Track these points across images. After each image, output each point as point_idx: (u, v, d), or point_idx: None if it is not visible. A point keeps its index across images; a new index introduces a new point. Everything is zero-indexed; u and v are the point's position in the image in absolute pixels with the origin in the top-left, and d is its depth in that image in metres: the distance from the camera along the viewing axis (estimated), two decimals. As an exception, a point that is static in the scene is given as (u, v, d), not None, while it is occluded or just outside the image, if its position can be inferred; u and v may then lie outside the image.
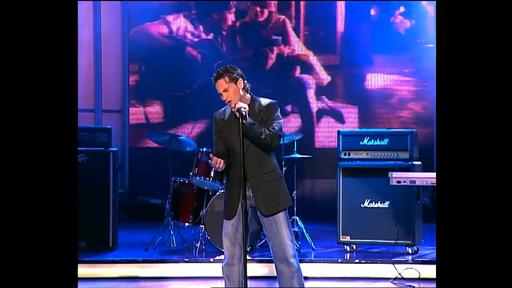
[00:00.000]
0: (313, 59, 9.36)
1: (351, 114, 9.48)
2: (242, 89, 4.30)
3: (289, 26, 9.33)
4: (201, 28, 9.32)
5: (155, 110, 9.53)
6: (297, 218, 7.04)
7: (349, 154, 6.87)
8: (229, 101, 4.24)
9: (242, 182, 4.17)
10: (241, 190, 4.20)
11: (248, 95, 4.36)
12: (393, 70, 9.37)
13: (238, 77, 4.26)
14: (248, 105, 4.29)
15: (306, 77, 9.43)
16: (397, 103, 9.38)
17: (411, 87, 9.34)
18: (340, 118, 9.50)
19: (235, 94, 4.23)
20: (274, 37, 9.34)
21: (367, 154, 6.82)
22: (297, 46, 9.37)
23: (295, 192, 7.13)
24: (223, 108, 4.40)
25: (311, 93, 9.42)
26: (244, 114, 4.13)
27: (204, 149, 6.87)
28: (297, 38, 9.35)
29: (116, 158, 6.92)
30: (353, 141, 6.91)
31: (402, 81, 9.34)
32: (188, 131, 9.52)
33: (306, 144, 8.89)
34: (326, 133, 9.57)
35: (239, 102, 4.23)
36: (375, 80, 9.39)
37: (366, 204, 6.76)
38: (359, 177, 6.80)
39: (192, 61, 9.35)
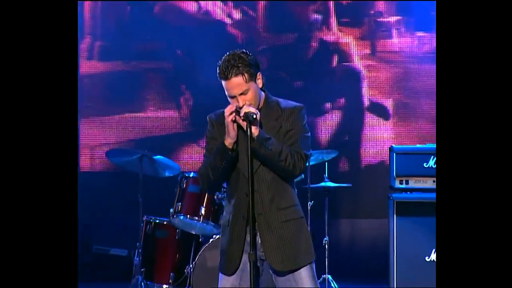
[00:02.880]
0: (352, 45, 9.56)
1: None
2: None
3: (331, 4, 9.62)
4: (230, 4, 9.66)
5: (169, 115, 9.41)
6: (329, 276, 7.06)
7: (407, 182, 6.77)
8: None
9: (251, 219, 4.02)
10: (248, 234, 4.06)
11: (263, 94, 4.21)
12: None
13: (257, 70, 4.13)
14: (262, 108, 4.15)
15: (348, 65, 9.57)
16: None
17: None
18: (385, 115, 9.51)
19: (255, 97, 4.10)
20: (314, 16, 9.55)
21: (434, 182, 6.66)
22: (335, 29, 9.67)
23: (326, 238, 7.13)
24: (222, 110, 4.20)
25: (357, 86, 9.52)
26: (254, 118, 3.97)
27: (191, 174, 6.76)
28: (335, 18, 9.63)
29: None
30: (412, 162, 6.75)
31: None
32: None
33: (348, 161, 8.94)
34: (372, 143, 9.50)
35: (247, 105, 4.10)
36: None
37: (432, 256, 6.65)
38: (422, 216, 6.66)
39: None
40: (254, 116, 3.96)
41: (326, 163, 7.32)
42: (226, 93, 4.10)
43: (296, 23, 9.50)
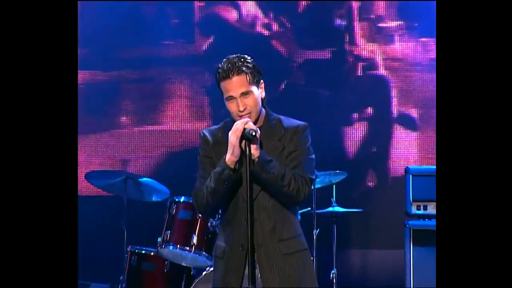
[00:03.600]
0: (377, 51, 9.65)
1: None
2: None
3: (355, 7, 9.78)
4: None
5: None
6: (338, 316, 6.99)
7: (425, 208, 6.89)
8: (246, 114, 4.12)
9: (250, 250, 4.03)
10: (247, 266, 4.08)
11: (263, 110, 4.24)
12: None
13: (261, 78, 4.19)
14: (262, 126, 4.18)
15: (373, 73, 9.71)
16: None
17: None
18: (412, 127, 9.49)
19: (256, 105, 4.13)
20: (338, 22, 9.68)
21: (454, 207, 6.65)
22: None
23: (333, 271, 7.08)
24: (217, 126, 4.30)
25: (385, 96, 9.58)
26: (253, 135, 3.95)
27: (182, 199, 6.69)
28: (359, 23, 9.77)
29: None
30: (431, 185, 6.34)
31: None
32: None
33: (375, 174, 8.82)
34: (399, 159, 9.41)
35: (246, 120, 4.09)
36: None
37: (454, 291, 6.62)
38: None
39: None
40: (253, 134, 3.95)
41: (334, 185, 7.25)
42: (225, 95, 4.08)
43: (319, 30, 9.61)
